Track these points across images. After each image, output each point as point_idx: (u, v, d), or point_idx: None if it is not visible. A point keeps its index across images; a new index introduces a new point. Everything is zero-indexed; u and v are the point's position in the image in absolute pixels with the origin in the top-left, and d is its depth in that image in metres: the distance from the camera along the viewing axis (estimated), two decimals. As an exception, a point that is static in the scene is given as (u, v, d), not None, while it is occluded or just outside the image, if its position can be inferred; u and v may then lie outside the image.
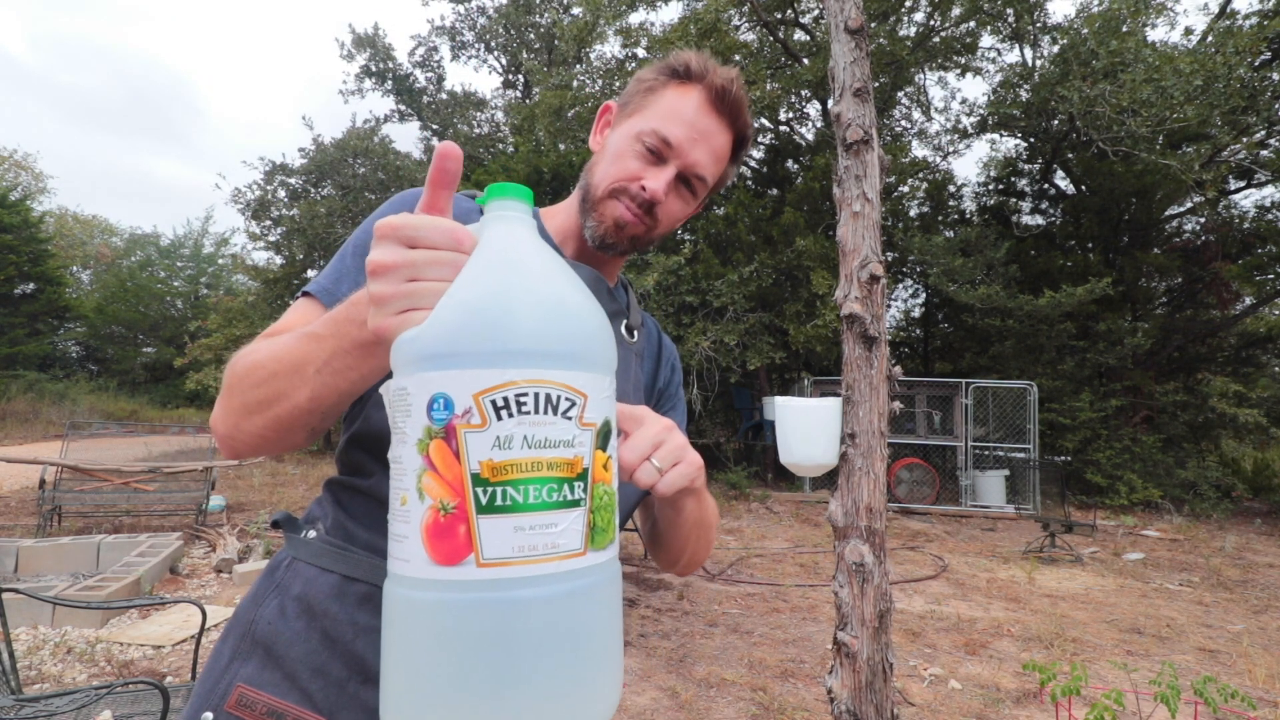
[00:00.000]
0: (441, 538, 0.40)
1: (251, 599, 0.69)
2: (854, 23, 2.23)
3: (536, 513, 0.41)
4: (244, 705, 0.62)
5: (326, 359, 0.55)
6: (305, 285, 0.72)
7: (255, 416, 0.59)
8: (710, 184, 0.83)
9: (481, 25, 18.39)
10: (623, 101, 0.83)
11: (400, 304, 0.44)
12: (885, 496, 2.09)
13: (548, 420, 0.42)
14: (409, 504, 0.42)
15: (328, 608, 0.65)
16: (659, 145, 0.77)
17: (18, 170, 24.82)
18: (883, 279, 2.14)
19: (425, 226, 0.46)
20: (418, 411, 0.42)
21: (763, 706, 3.12)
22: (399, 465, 0.43)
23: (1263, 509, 10.12)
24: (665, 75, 0.80)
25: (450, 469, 0.40)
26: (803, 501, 9.41)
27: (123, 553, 4.64)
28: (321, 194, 14.41)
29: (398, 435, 0.44)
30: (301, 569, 0.68)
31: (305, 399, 0.56)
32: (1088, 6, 10.52)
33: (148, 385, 23.18)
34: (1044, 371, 11.05)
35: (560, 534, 0.42)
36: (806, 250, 9.92)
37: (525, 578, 0.40)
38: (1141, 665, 3.78)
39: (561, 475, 0.42)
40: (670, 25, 10.61)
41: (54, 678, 3.09)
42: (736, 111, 0.80)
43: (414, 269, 0.45)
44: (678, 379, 1.00)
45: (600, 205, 0.80)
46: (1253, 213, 11.42)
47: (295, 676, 0.63)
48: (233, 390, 0.61)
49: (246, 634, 0.66)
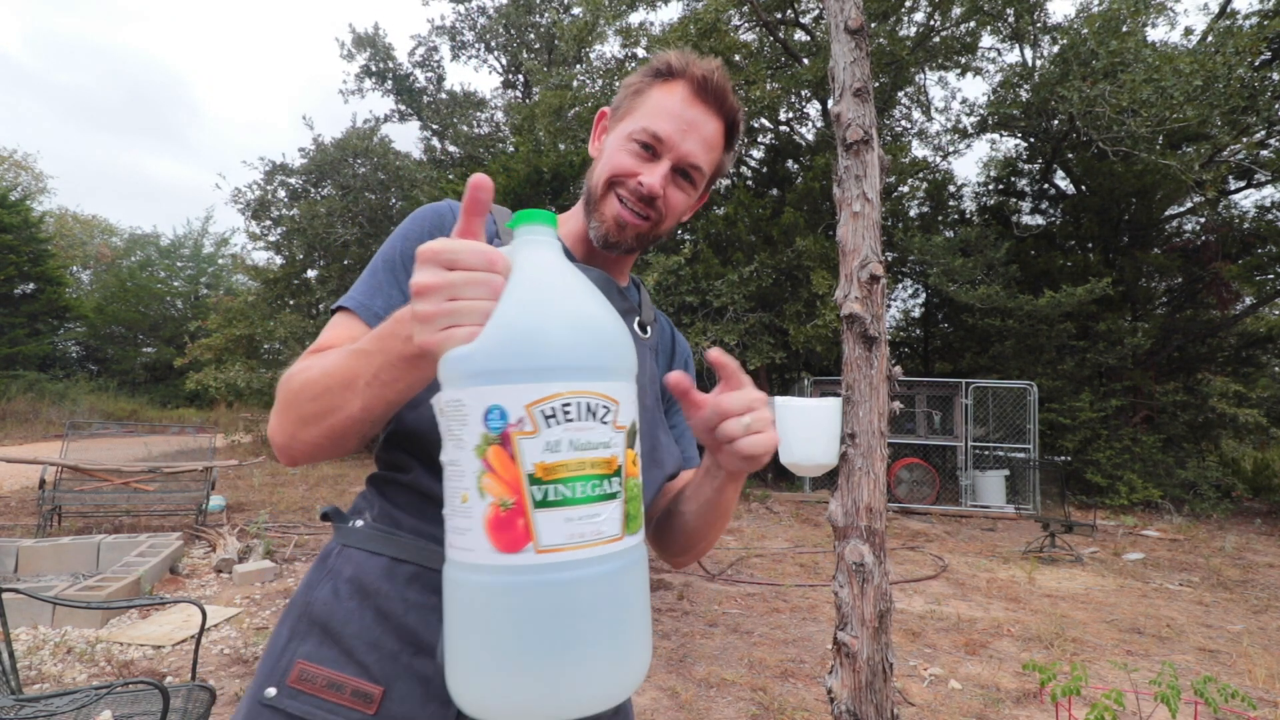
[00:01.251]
0: (502, 530, 0.46)
1: (306, 585, 0.74)
2: (854, 23, 2.23)
3: (583, 505, 0.48)
4: (304, 679, 0.67)
5: (375, 373, 0.60)
6: (340, 300, 0.76)
7: (311, 427, 0.65)
8: (708, 172, 0.85)
9: (481, 25, 18.39)
10: (614, 106, 0.87)
11: (443, 321, 0.49)
12: (885, 496, 2.09)
13: (588, 426, 0.49)
14: (470, 501, 0.47)
15: (379, 586, 0.70)
16: (650, 141, 0.80)
17: (18, 170, 24.83)
18: (883, 279, 2.14)
19: (463, 250, 0.50)
20: (474, 421, 0.47)
21: (763, 706, 3.12)
22: (456, 467, 0.49)
23: (1263, 509, 10.12)
24: (650, 76, 0.84)
25: (507, 470, 0.46)
26: (803, 501, 9.41)
27: (123, 553, 4.63)
28: (321, 194, 14.40)
29: (453, 441, 0.49)
30: (352, 554, 0.73)
31: (358, 409, 0.62)
32: (1088, 6, 10.52)
33: (148, 385, 23.19)
34: (1044, 371, 11.05)
35: (603, 523, 0.49)
36: (806, 250, 9.92)
37: (576, 560, 0.47)
38: (1141, 665, 3.78)
39: (601, 473, 0.49)
40: (670, 25, 10.61)
41: (54, 678, 3.09)
42: (721, 98, 0.82)
43: (454, 289, 0.49)
44: (691, 374, 1.01)
45: (600, 204, 0.83)
46: (1253, 213, 11.43)
47: (352, 651, 0.68)
48: (289, 405, 0.66)
49: (303, 615, 0.71)
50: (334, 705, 0.66)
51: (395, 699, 0.66)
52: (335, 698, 0.66)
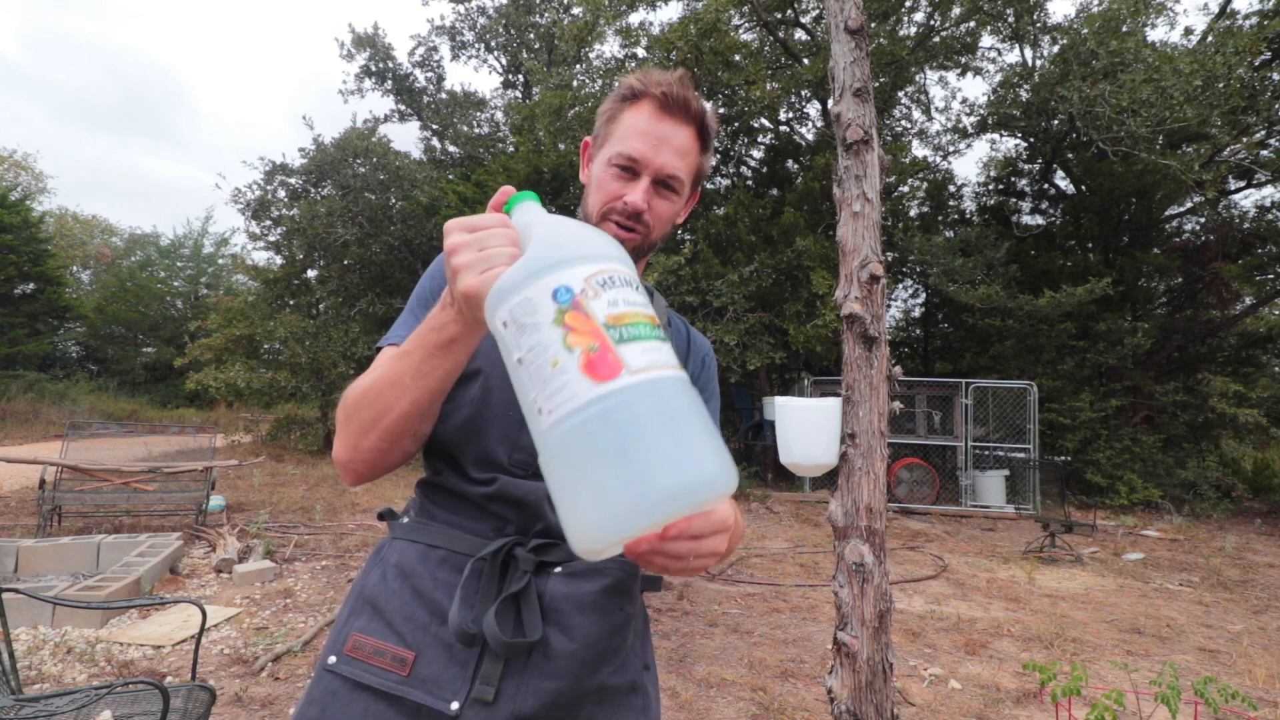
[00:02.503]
0: (597, 366, 0.53)
1: (363, 572, 0.90)
2: (854, 23, 2.23)
3: (650, 341, 0.57)
4: (357, 648, 0.81)
5: (417, 366, 0.72)
6: (383, 339, 0.90)
7: (370, 433, 0.77)
8: (686, 178, 0.92)
9: (481, 25, 18.38)
10: (594, 135, 0.95)
11: (479, 265, 0.61)
12: (885, 496, 2.09)
13: (629, 290, 0.59)
14: (561, 362, 0.54)
15: (415, 569, 0.83)
16: (627, 163, 0.88)
17: (18, 170, 24.83)
18: (883, 279, 2.14)
19: (477, 217, 0.64)
20: (544, 304, 0.56)
21: (763, 706, 3.12)
22: (537, 348, 0.56)
23: (1263, 509, 10.12)
24: (618, 102, 0.92)
25: (586, 324, 0.55)
26: (803, 501, 9.41)
27: (123, 553, 4.63)
28: (321, 194, 14.40)
29: (528, 331, 0.57)
30: (398, 544, 0.88)
31: (408, 404, 0.74)
32: (1088, 6, 10.53)
33: (148, 385, 23.17)
34: (1044, 371, 11.05)
35: (666, 354, 0.57)
36: (806, 250, 9.92)
37: (662, 376, 0.55)
38: (1141, 665, 3.78)
39: (650, 321, 0.58)
40: (670, 25, 10.60)
41: (54, 678, 3.09)
42: (685, 107, 0.88)
43: (480, 240, 0.62)
44: (709, 373, 1.08)
45: None
46: (1253, 213, 11.43)
47: (392, 623, 0.81)
48: (349, 418, 0.79)
49: (359, 597, 0.86)
50: (377, 669, 0.79)
51: (424, 662, 0.79)
52: (378, 662, 0.80)
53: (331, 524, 6.67)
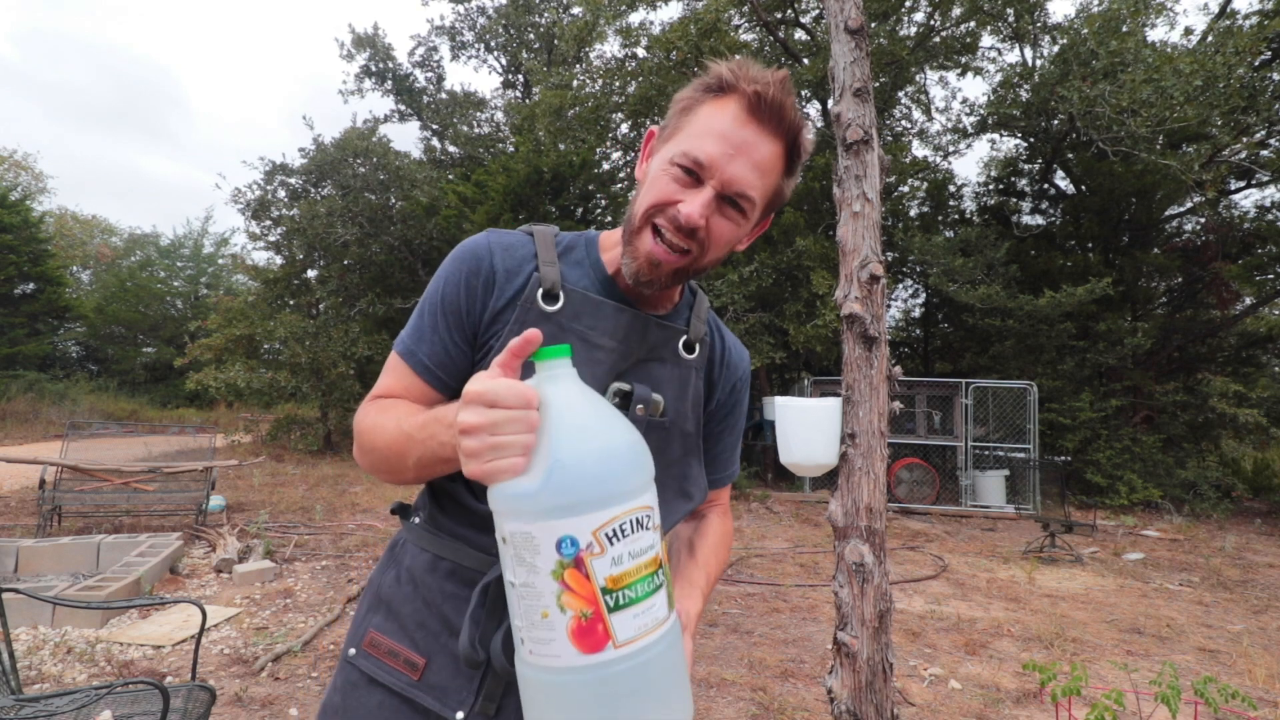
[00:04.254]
0: (585, 636, 0.55)
1: (380, 568, 0.90)
2: (854, 23, 2.23)
3: (644, 601, 0.57)
4: (374, 645, 0.84)
5: (418, 458, 0.73)
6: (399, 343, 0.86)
7: (384, 475, 0.82)
8: (760, 201, 0.77)
9: (481, 25, 18.38)
10: (663, 125, 0.81)
11: (489, 456, 0.57)
12: (885, 496, 2.09)
13: (640, 536, 0.58)
14: (550, 617, 0.55)
15: (424, 579, 0.84)
16: (693, 166, 0.74)
17: (18, 170, 24.81)
18: (883, 279, 2.14)
19: (502, 390, 0.58)
20: (547, 550, 0.55)
21: (763, 706, 3.12)
22: (531, 589, 0.56)
23: (1263, 509, 10.12)
24: (700, 91, 0.77)
25: (583, 587, 0.55)
26: (803, 501, 9.41)
27: (123, 553, 4.63)
28: (321, 194, 14.40)
29: (525, 568, 0.56)
30: (409, 548, 0.88)
31: (412, 476, 0.78)
32: (1088, 6, 10.52)
33: (148, 385, 23.15)
34: (1044, 371, 11.05)
35: (657, 610, 0.59)
36: (806, 250, 9.92)
37: (645, 645, 0.57)
38: (1141, 665, 3.78)
39: (651, 571, 0.58)
40: (670, 25, 10.59)
41: (54, 678, 3.09)
42: (780, 116, 0.74)
43: (495, 427, 0.57)
44: (738, 398, 1.00)
45: (636, 238, 0.79)
46: (1253, 213, 11.42)
47: (405, 627, 0.83)
48: (365, 454, 0.83)
49: (376, 594, 0.88)
50: (391, 668, 0.81)
51: (434, 669, 0.80)
52: (392, 662, 0.82)
53: (331, 524, 6.67)
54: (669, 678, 0.59)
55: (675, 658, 0.60)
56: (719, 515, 1.02)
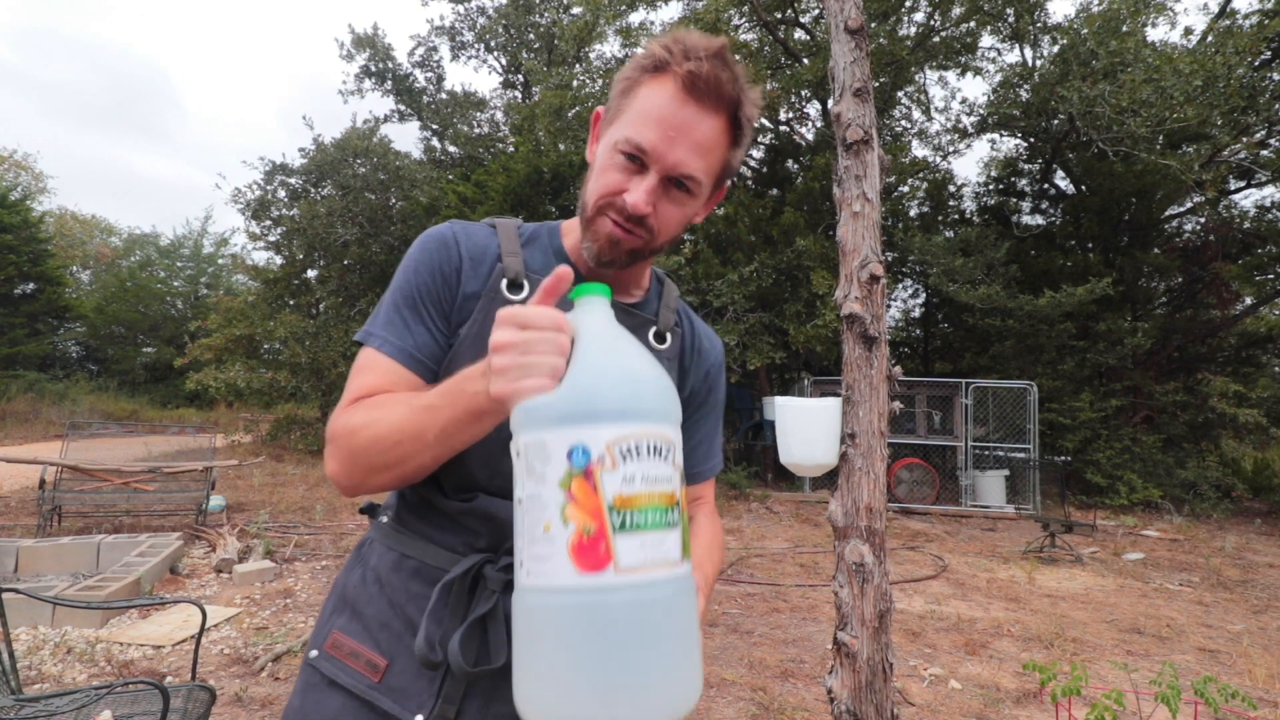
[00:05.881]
0: (586, 553, 0.51)
1: (346, 569, 0.88)
2: (854, 23, 2.23)
3: (654, 532, 0.54)
4: (336, 646, 0.82)
5: (442, 426, 0.67)
6: (367, 336, 0.81)
7: (382, 474, 0.73)
8: (706, 179, 0.77)
9: (481, 25, 18.37)
10: (607, 107, 0.81)
11: (517, 374, 0.56)
12: (885, 496, 2.09)
13: (656, 463, 0.55)
14: (552, 530, 0.52)
15: (390, 579, 0.82)
16: (635, 152, 0.74)
17: (18, 170, 24.82)
18: (883, 279, 2.14)
19: (535, 313, 0.58)
20: (558, 458, 0.53)
21: (763, 706, 3.12)
22: (537, 501, 0.54)
23: (1263, 509, 10.12)
24: (639, 71, 0.76)
25: (590, 500, 0.52)
26: (803, 501, 9.40)
27: (123, 553, 4.63)
28: (321, 194, 14.41)
29: (534, 478, 0.54)
30: (376, 547, 0.86)
31: (429, 460, 0.71)
32: (1088, 6, 10.52)
33: (148, 385, 23.16)
34: (1044, 371, 11.04)
35: (669, 548, 0.55)
36: (806, 250, 9.92)
37: (650, 580, 0.53)
38: (1141, 665, 3.78)
39: (665, 504, 0.55)
40: (670, 25, 10.60)
41: (54, 678, 3.09)
42: (718, 92, 0.72)
43: (527, 346, 0.57)
44: (711, 384, 0.99)
45: (593, 223, 0.80)
46: (1253, 213, 11.42)
47: (369, 628, 0.81)
48: (357, 455, 0.73)
49: (341, 595, 0.86)
50: (352, 670, 0.80)
51: (396, 671, 0.78)
52: (354, 664, 0.80)
53: (331, 524, 6.67)
54: (676, 634, 0.54)
55: (685, 611, 0.55)
56: (706, 515, 0.98)
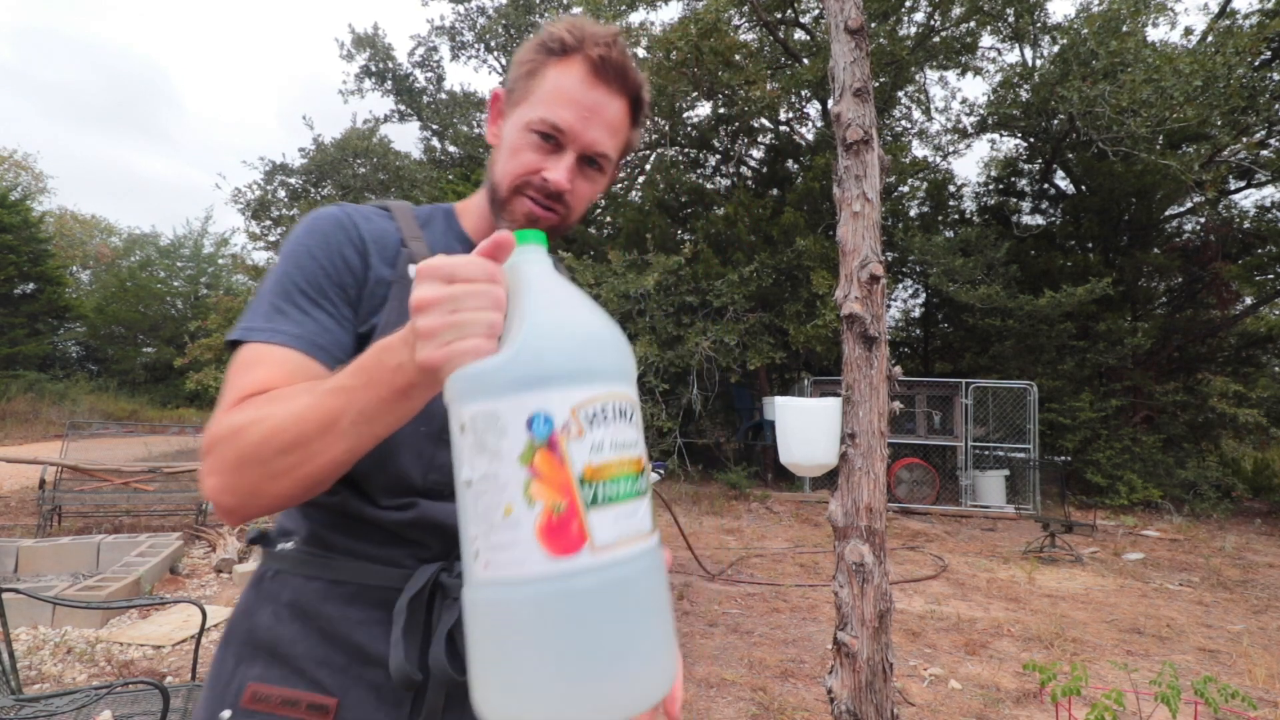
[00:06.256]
0: (557, 534, 0.45)
1: (243, 610, 0.74)
2: (854, 23, 2.23)
3: (625, 503, 0.48)
4: (259, 699, 0.69)
5: (360, 409, 0.56)
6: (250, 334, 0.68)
7: (282, 480, 0.59)
8: (615, 158, 0.81)
9: (481, 25, 18.36)
10: (509, 88, 0.80)
11: (448, 335, 0.48)
12: (885, 496, 2.09)
13: (623, 427, 0.49)
14: (515, 512, 0.46)
15: (320, 610, 0.71)
16: (551, 131, 0.75)
17: (18, 170, 24.82)
18: (883, 279, 2.14)
19: (462, 264, 0.50)
20: (515, 430, 0.46)
21: (763, 706, 3.12)
22: (493, 481, 0.47)
23: (1263, 509, 10.12)
24: (543, 53, 0.77)
25: (558, 474, 0.46)
26: (803, 501, 9.41)
27: (123, 553, 4.63)
28: (322, 194, 14.42)
29: (486, 455, 0.47)
30: (287, 579, 0.74)
31: (342, 452, 0.58)
32: (1088, 6, 10.52)
33: (148, 385, 23.14)
34: (1044, 371, 11.04)
35: (641, 519, 0.50)
36: (806, 250, 9.92)
37: (627, 556, 0.48)
38: (1141, 665, 3.78)
39: (635, 472, 0.50)
40: (670, 25, 10.59)
41: (54, 678, 3.09)
42: (623, 75, 0.76)
43: (456, 302, 0.48)
44: None
45: (509, 203, 0.79)
46: (1253, 213, 11.42)
47: (302, 670, 0.70)
48: (247, 461, 0.59)
49: (247, 641, 0.72)
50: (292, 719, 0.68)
51: (350, 706, 0.69)
52: (292, 712, 0.68)
53: (331, 524, 6.67)
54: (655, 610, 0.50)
55: (661, 585, 0.51)
56: None
